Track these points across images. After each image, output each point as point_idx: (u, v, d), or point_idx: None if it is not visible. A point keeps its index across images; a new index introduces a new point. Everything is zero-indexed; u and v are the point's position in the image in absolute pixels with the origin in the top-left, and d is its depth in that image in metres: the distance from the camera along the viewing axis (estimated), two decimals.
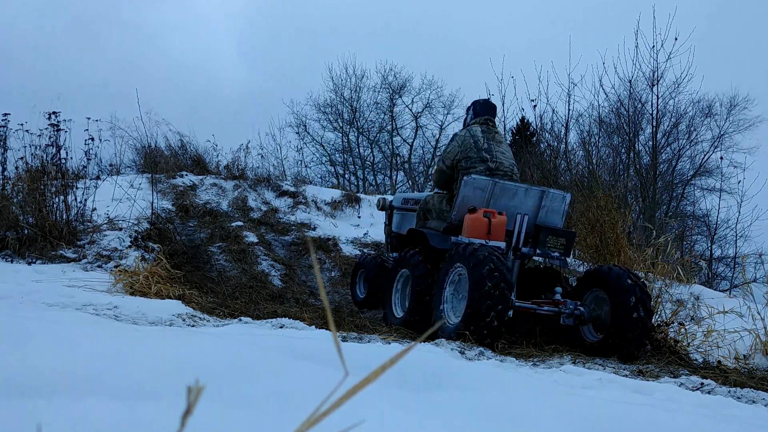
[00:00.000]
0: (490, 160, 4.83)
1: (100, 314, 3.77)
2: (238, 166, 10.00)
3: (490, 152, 4.86)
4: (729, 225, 13.15)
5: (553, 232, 4.71)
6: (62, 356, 1.29)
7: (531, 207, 4.76)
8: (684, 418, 1.82)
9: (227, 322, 4.21)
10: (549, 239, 4.66)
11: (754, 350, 4.38)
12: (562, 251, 4.70)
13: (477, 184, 4.62)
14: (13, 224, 5.78)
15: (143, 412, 1.02)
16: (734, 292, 6.84)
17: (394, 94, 22.14)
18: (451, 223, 4.68)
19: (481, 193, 4.62)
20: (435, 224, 4.96)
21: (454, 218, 4.66)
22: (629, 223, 6.33)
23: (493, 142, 4.92)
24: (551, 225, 4.77)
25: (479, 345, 3.90)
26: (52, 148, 6.09)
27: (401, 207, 5.88)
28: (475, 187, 4.61)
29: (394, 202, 6.04)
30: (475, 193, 4.61)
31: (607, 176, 9.67)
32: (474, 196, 4.61)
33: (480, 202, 4.61)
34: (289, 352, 1.76)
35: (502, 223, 4.48)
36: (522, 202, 4.73)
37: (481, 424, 1.38)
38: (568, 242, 4.77)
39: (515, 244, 4.68)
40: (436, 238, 4.75)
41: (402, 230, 5.69)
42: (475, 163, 4.81)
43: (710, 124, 16.53)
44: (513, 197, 4.71)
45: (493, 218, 4.45)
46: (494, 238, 4.42)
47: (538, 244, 4.66)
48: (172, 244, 6.35)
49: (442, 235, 4.74)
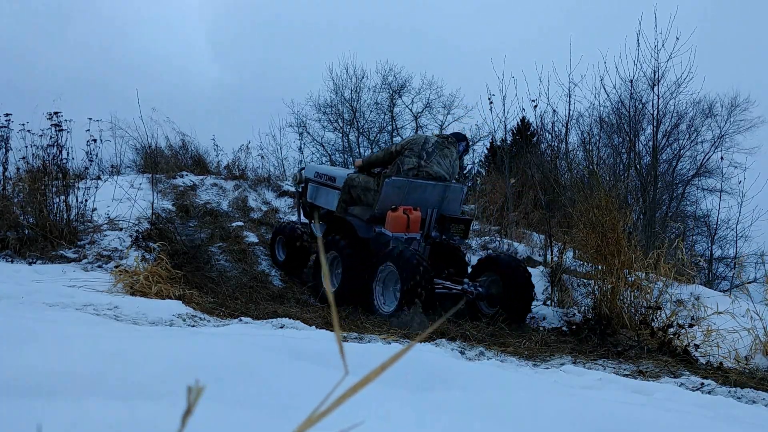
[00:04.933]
0: (424, 159, 5.72)
1: (101, 314, 3.77)
2: (239, 166, 10.01)
3: (430, 156, 5.75)
4: (729, 225, 13.15)
5: (455, 220, 5.79)
6: (62, 356, 1.29)
7: (437, 199, 5.75)
8: (684, 418, 1.81)
9: (227, 322, 4.21)
10: (452, 227, 5.76)
11: (754, 350, 4.38)
12: (461, 235, 5.82)
13: (395, 184, 5.57)
14: (14, 224, 5.79)
15: (143, 412, 1.02)
16: (734, 292, 6.83)
17: (394, 94, 22.14)
18: (374, 216, 5.66)
19: (398, 191, 5.58)
20: (359, 212, 5.87)
21: (377, 212, 5.63)
22: (629, 224, 6.32)
23: (438, 152, 5.79)
24: (452, 213, 5.86)
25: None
26: (53, 148, 6.10)
27: (315, 180, 6.74)
28: (393, 187, 5.57)
29: (307, 173, 6.90)
30: (394, 191, 5.58)
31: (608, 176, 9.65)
32: (393, 194, 5.58)
33: (398, 198, 5.58)
34: (290, 352, 1.76)
35: (417, 218, 5.55)
36: (431, 195, 5.71)
37: (482, 424, 1.38)
38: (465, 228, 5.86)
39: (426, 232, 5.77)
40: (362, 228, 5.76)
41: (316, 201, 6.66)
42: (411, 155, 5.71)
43: (711, 125, 16.54)
44: (423, 192, 5.67)
45: (411, 215, 5.50)
46: (412, 230, 5.53)
47: (443, 230, 5.77)
48: (173, 244, 6.34)
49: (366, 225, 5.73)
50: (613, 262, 5.29)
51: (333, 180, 6.44)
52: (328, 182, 6.51)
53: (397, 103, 22.26)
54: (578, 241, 6.18)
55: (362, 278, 5.46)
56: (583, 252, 6.50)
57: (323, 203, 6.57)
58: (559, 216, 8.75)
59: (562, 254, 7.98)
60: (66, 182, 6.03)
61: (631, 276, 5.27)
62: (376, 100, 22.01)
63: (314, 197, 6.73)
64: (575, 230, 6.10)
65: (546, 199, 9.29)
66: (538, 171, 10.17)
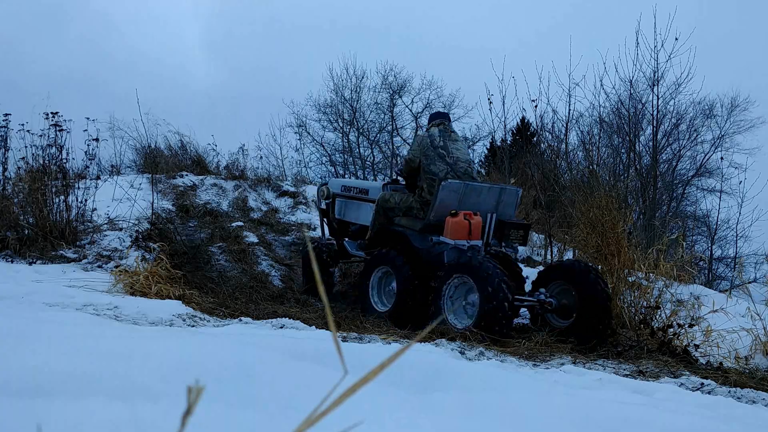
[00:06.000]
0: (447, 155, 5.33)
1: (101, 314, 3.77)
2: (238, 167, 10.01)
3: (446, 149, 5.35)
4: (729, 225, 13.15)
5: (515, 225, 5.30)
6: (62, 356, 1.29)
7: (492, 203, 5.28)
8: (684, 418, 1.81)
9: (227, 322, 4.21)
10: (511, 233, 5.27)
11: (754, 350, 4.38)
12: (521, 242, 5.34)
13: (452, 188, 5.09)
14: (14, 224, 5.79)
15: (143, 412, 1.02)
16: (734, 292, 6.83)
17: (394, 95, 22.14)
18: (428, 224, 5.13)
19: (454, 195, 5.10)
20: (407, 222, 5.36)
21: (433, 220, 5.11)
22: (629, 224, 6.32)
23: (449, 140, 5.41)
24: (508, 218, 5.34)
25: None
26: (53, 148, 6.10)
27: (342, 194, 6.24)
28: (450, 190, 5.08)
29: (332, 188, 6.41)
30: (450, 195, 5.09)
31: (608, 176, 9.66)
32: (448, 198, 5.08)
33: (454, 203, 5.09)
34: (290, 353, 1.76)
35: (478, 223, 5.04)
36: (486, 199, 5.25)
37: (482, 424, 1.38)
38: (525, 233, 5.39)
39: (486, 240, 5.20)
40: (416, 238, 5.22)
41: (345, 217, 6.15)
42: (434, 159, 5.28)
43: (711, 125, 16.54)
44: (479, 196, 5.21)
45: (472, 220, 5.00)
46: (474, 237, 5.00)
47: (503, 237, 5.25)
48: (173, 244, 6.34)
49: (419, 234, 5.20)
50: (613, 262, 5.29)
51: (365, 193, 6.01)
52: (358, 195, 6.08)
53: (397, 103, 22.25)
54: (578, 241, 6.18)
55: (421, 294, 4.94)
56: (582, 252, 6.50)
57: (354, 218, 6.12)
58: (559, 216, 8.75)
59: (562, 254, 7.99)
60: (66, 182, 6.03)
61: (631, 276, 5.27)
62: (376, 100, 22.01)
63: (342, 213, 6.23)
64: (575, 230, 6.10)
65: (546, 198, 9.29)
66: (538, 171, 10.17)
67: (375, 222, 5.56)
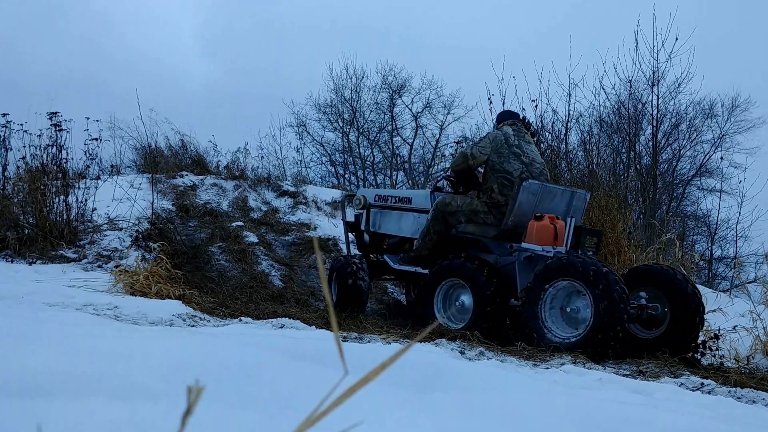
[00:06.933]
0: (523, 155, 4.93)
1: (101, 314, 3.77)
2: (239, 166, 10.00)
3: (521, 148, 4.96)
4: (729, 225, 13.14)
5: (589, 232, 4.85)
6: (62, 356, 1.29)
7: (564, 207, 4.90)
8: (684, 418, 1.82)
9: (227, 322, 4.21)
10: (586, 239, 4.76)
11: (755, 350, 4.38)
12: (594, 249, 4.82)
13: (531, 189, 4.69)
14: (14, 224, 5.79)
15: (143, 412, 1.02)
16: (734, 292, 6.84)
17: (394, 94, 22.14)
18: (505, 230, 4.72)
19: (532, 198, 4.71)
20: (474, 229, 4.90)
21: (510, 224, 4.69)
22: (629, 223, 6.33)
23: (523, 141, 5.04)
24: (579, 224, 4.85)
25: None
26: (53, 148, 6.10)
27: (377, 204, 5.68)
28: (529, 193, 4.68)
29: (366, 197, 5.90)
30: (529, 198, 4.69)
31: (608, 176, 9.66)
32: (527, 202, 4.68)
33: (531, 206, 4.70)
34: (290, 353, 1.76)
35: (562, 228, 4.59)
36: (559, 203, 4.88)
37: (482, 424, 1.38)
38: (599, 240, 4.94)
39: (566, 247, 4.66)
40: (493, 246, 4.80)
41: (381, 229, 5.62)
42: (508, 158, 4.88)
43: (711, 125, 16.53)
44: (553, 199, 4.84)
45: (556, 224, 4.58)
46: (559, 244, 4.54)
47: (578, 244, 4.72)
48: (173, 244, 6.35)
49: (495, 241, 4.79)
50: (612, 262, 5.30)
51: (407, 201, 5.47)
52: (398, 204, 5.53)
53: (397, 103, 22.25)
54: None
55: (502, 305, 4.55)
56: None
57: (395, 230, 5.56)
58: None
59: None
60: (66, 182, 6.04)
61: None
62: (376, 100, 22.02)
63: (377, 224, 5.68)
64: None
65: None
66: None
67: (429, 230, 5.05)
